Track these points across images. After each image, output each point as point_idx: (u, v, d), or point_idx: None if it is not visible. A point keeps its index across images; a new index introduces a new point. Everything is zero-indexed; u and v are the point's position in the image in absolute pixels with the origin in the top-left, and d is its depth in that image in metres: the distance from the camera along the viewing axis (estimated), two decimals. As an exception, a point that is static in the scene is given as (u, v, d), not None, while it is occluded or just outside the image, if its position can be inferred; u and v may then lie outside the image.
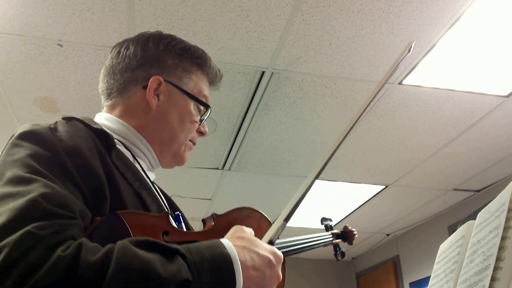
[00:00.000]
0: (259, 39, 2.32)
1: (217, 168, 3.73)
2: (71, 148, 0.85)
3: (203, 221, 1.07)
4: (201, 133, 1.21)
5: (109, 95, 1.14)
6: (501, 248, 0.78)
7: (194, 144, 1.20)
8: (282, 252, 0.98)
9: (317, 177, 1.04)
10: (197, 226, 1.14)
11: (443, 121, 3.06)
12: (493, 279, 0.77)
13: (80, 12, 2.14)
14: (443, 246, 1.10)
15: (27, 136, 0.85)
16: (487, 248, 0.82)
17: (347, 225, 1.71)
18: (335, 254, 1.68)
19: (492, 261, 0.78)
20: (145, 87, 1.10)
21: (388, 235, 5.36)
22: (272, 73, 2.57)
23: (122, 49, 1.15)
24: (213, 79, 1.23)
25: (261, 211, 1.14)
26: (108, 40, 2.31)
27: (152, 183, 1.09)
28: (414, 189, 4.13)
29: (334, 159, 3.56)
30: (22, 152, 0.82)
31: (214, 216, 1.03)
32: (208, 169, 3.72)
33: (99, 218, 0.83)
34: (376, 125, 3.10)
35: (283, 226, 1.00)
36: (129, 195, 0.92)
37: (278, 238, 1.07)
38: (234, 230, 0.92)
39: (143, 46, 1.14)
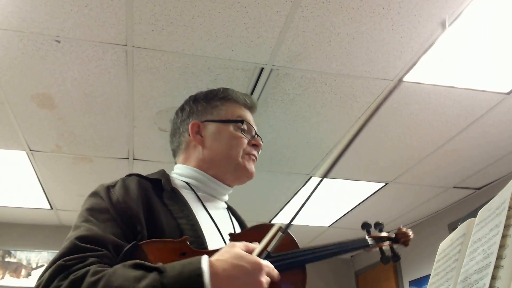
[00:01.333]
0: (258, 35, 2.31)
1: (216, 166, 3.72)
2: (117, 199, 1.14)
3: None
4: (255, 146, 1.46)
5: (175, 155, 1.49)
6: (501, 246, 0.78)
7: (253, 156, 1.45)
8: (300, 260, 1.19)
9: (315, 189, 1.19)
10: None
11: (444, 118, 3.05)
12: (493, 277, 0.76)
13: (78, 8, 2.13)
14: (444, 244, 1.10)
15: (90, 195, 1.18)
16: (487, 246, 0.82)
17: (402, 226, 1.67)
18: (381, 259, 1.60)
19: (493, 259, 0.78)
20: (190, 135, 1.41)
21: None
22: (271, 69, 2.55)
23: (171, 121, 1.54)
24: (245, 103, 1.49)
25: (279, 224, 1.17)
26: (106, 36, 2.30)
27: (211, 213, 1.31)
28: (414, 186, 4.12)
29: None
30: (84, 206, 1.15)
31: (230, 236, 1.21)
32: (207, 166, 3.71)
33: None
34: (375, 122, 3.09)
35: (279, 237, 1.07)
36: (170, 226, 1.15)
37: (297, 245, 1.23)
38: (227, 245, 1.06)
39: (181, 109, 1.50)
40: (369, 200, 4.43)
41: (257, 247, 1.06)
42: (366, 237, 1.55)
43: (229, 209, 1.50)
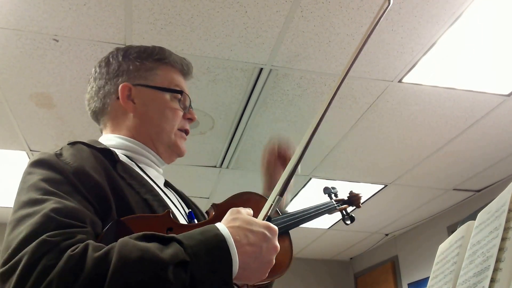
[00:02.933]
0: (257, 35, 2.30)
1: (215, 166, 3.72)
2: (75, 169, 0.97)
3: (206, 213, 1.22)
4: (190, 120, 1.28)
5: (97, 118, 1.28)
6: (501, 249, 0.77)
7: (186, 132, 1.27)
8: (286, 224, 1.17)
9: (306, 147, 1.16)
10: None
11: (443, 120, 3.05)
12: (492, 280, 0.76)
13: (77, 6, 2.12)
14: (443, 247, 1.09)
15: (36, 164, 0.99)
16: (487, 249, 0.82)
17: (352, 190, 1.78)
18: (343, 219, 1.74)
19: (492, 262, 0.78)
20: (118, 98, 1.21)
21: (387, 235, 5.36)
22: (271, 70, 2.55)
23: (92, 74, 1.29)
24: (181, 68, 1.30)
25: (259, 193, 1.21)
26: (105, 35, 2.29)
27: (161, 187, 1.19)
28: (413, 188, 4.12)
29: (332, 158, 3.56)
30: (34, 177, 0.96)
31: (213, 206, 1.15)
32: (205, 167, 3.71)
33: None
34: (375, 123, 3.09)
35: (278, 200, 1.04)
36: (136, 202, 1.03)
37: (276, 211, 1.19)
38: (230, 212, 0.99)
39: (106, 63, 1.27)
40: (369, 202, 4.42)
41: (261, 212, 1.03)
42: (332, 200, 1.68)
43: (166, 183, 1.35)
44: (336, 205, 1.67)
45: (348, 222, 1.73)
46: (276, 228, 0.98)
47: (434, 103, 2.86)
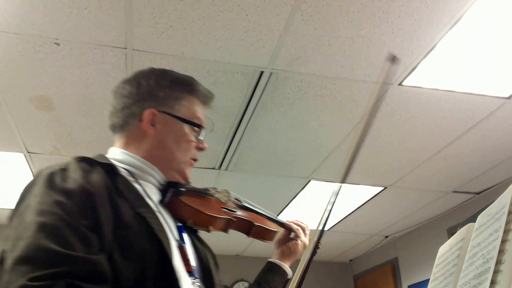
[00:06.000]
0: (258, 38, 2.31)
1: (214, 168, 3.72)
2: (78, 187, 1.03)
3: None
4: (200, 149, 1.35)
5: (113, 131, 1.33)
6: (501, 251, 0.78)
7: (195, 161, 1.34)
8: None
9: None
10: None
11: (443, 123, 3.05)
12: (492, 282, 0.76)
13: (78, 10, 2.13)
14: (443, 249, 1.09)
15: (46, 182, 1.04)
16: (487, 251, 0.82)
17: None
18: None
19: (492, 264, 0.78)
20: (141, 120, 1.26)
21: (386, 237, 5.36)
22: (271, 73, 2.55)
23: (120, 89, 1.32)
24: (205, 100, 1.39)
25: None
26: (106, 39, 2.30)
27: (156, 203, 1.23)
28: (413, 191, 4.12)
29: (332, 160, 3.56)
30: (51, 198, 1.00)
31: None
32: (204, 168, 3.71)
33: None
34: (375, 126, 3.09)
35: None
36: (130, 215, 1.07)
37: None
38: None
39: (137, 84, 1.30)
40: (368, 204, 4.43)
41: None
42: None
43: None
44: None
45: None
46: None
47: (434, 106, 2.87)
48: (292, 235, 1.62)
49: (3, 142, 3.27)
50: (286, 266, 1.56)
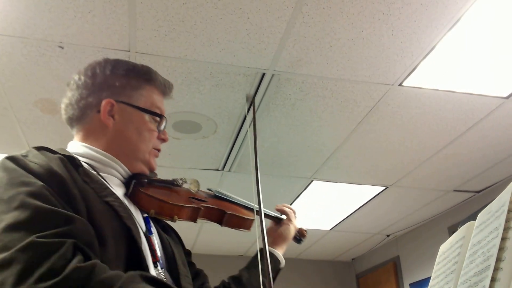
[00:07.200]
0: (259, 41, 2.32)
1: (217, 169, 3.74)
2: (44, 168, 1.00)
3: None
4: (162, 140, 1.34)
5: (71, 124, 1.30)
6: (501, 249, 0.78)
7: (158, 150, 1.33)
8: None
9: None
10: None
11: (443, 122, 3.07)
12: (493, 279, 0.76)
13: (82, 14, 2.15)
14: (444, 247, 1.10)
15: (10, 163, 1.01)
16: (487, 249, 0.83)
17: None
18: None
19: (492, 261, 0.78)
20: (99, 111, 1.23)
21: (388, 236, 5.37)
22: (273, 74, 2.57)
23: (76, 81, 1.29)
24: (164, 90, 1.35)
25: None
26: (110, 43, 2.32)
27: (120, 194, 1.20)
28: (414, 190, 4.13)
29: (334, 160, 3.58)
30: (16, 190, 0.95)
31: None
32: (208, 170, 3.72)
33: None
34: (376, 126, 3.11)
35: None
36: (98, 203, 1.05)
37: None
38: None
39: (92, 74, 1.27)
40: (370, 204, 4.44)
41: None
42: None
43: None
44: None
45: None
46: None
47: (434, 106, 2.88)
48: (284, 217, 1.64)
49: (9, 145, 3.29)
50: (279, 253, 1.54)
